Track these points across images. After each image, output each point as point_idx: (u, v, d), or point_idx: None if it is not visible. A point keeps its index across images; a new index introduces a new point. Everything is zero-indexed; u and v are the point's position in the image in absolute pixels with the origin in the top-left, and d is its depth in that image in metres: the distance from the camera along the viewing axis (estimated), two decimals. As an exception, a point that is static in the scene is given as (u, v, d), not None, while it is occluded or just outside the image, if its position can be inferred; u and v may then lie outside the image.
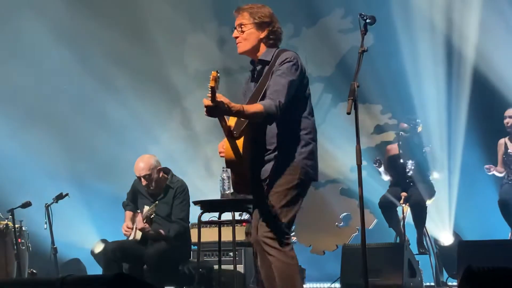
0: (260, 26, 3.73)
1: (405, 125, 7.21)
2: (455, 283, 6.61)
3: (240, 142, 3.49)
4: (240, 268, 6.48)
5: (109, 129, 9.06)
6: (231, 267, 5.53)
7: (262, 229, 3.58)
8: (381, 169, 7.17)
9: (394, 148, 7.27)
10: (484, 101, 7.86)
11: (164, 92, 9.52)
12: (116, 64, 9.34)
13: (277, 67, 3.61)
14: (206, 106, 3.27)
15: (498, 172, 6.88)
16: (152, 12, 9.53)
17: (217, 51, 9.46)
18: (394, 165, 7.16)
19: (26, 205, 6.73)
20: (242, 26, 3.73)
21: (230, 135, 3.49)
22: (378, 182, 7.41)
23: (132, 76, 9.43)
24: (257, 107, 3.47)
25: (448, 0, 8.20)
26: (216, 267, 5.69)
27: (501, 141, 6.99)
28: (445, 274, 6.96)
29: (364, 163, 3.90)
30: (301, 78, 3.66)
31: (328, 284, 6.99)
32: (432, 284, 6.87)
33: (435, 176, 7.14)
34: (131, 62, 9.44)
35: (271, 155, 3.65)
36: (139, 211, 5.88)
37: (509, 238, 6.68)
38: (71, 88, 9.24)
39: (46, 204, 6.91)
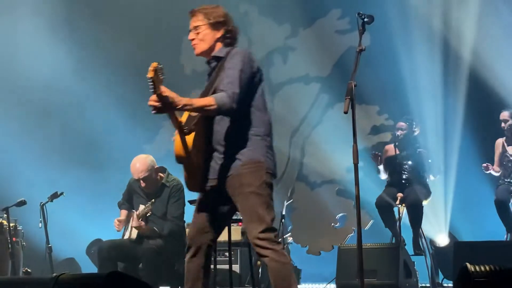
0: (215, 26, 3.69)
1: (402, 123, 7.20)
2: (450, 285, 6.60)
3: (190, 138, 3.44)
4: (236, 268, 6.46)
5: (105, 128, 9.03)
6: (226, 266, 5.51)
7: (253, 231, 3.47)
8: (381, 166, 7.16)
9: (391, 149, 7.26)
10: (481, 101, 7.88)
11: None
12: (112, 63, 9.32)
13: (228, 60, 3.58)
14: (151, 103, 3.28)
15: (494, 171, 6.88)
16: (148, 12, 9.51)
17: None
18: (391, 166, 7.15)
19: (21, 203, 6.71)
20: (197, 28, 3.70)
21: (181, 130, 3.44)
22: (375, 183, 7.40)
23: (128, 75, 9.41)
24: (207, 100, 3.43)
25: (445, 0, 8.21)
26: (211, 266, 5.66)
27: (499, 141, 6.99)
28: (441, 275, 6.96)
29: (360, 163, 3.87)
30: (253, 72, 3.60)
31: (324, 285, 6.98)
32: (428, 285, 6.85)
33: (431, 178, 7.14)
34: (127, 61, 9.42)
35: (226, 152, 3.56)
36: (134, 210, 5.87)
37: (505, 239, 6.68)
38: (67, 88, 9.21)
39: (41, 203, 6.88)
